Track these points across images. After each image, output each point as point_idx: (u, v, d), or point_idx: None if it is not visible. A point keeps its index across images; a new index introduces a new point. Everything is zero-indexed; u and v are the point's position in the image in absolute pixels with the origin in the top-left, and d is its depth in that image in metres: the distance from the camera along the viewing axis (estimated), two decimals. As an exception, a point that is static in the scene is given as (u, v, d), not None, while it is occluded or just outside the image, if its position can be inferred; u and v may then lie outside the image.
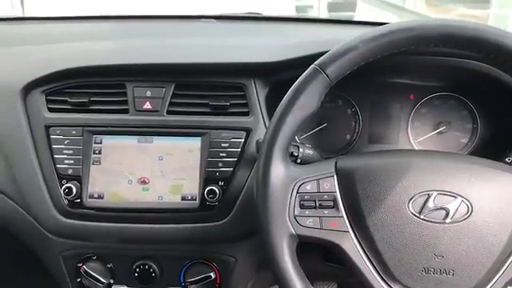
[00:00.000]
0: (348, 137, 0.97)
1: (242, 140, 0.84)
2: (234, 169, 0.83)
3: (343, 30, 1.26)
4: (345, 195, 0.64)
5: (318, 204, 0.64)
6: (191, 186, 0.84)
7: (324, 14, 3.01)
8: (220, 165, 0.83)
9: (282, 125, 0.64)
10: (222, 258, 0.87)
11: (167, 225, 0.84)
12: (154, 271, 0.86)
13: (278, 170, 0.64)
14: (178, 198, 0.84)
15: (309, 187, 0.64)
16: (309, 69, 0.65)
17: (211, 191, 0.82)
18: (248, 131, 0.84)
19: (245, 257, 0.87)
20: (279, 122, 0.64)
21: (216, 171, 0.83)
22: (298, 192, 0.64)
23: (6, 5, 1.75)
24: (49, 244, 0.87)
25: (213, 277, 0.87)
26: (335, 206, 0.64)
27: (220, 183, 0.83)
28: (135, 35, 1.11)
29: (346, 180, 0.65)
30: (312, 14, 3.14)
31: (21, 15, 1.70)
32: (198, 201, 0.83)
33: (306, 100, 0.64)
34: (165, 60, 0.88)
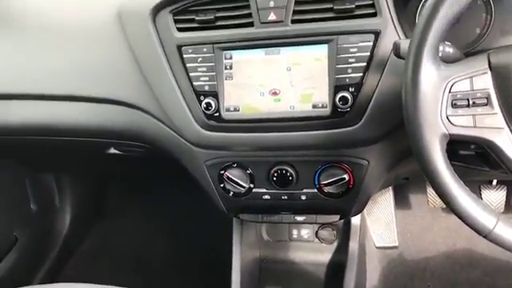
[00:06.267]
0: (478, 30, 0.91)
1: (371, 43, 0.82)
2: (364, 74, 0.83)
3: None
4: (500, 91, 0.62)
5: (471, 102, 0.63)
6: (321, 94, 0.86)
7: None
8: (349, 71, 0.83)
9: (434, 20, 0.61)
10: (354, 161, 0.90)
11: (300, 132, 0.88)
12: (290, 175, 0.93)
13: (429, 70, 0.63)
14: (309, 107, 0.87)
15: (461, 86, 0.63)
16: None
17: (343, 98, 0.83)
18: (376, 34, 0.82)
19: (377, 159, 0.90)
20: (430, 18, 0.61)
21: (346, 77, 0.84)
22: (450, 91, 0.63)
23: None
24: (193, 155, 0.97)
25: (346, 178, 0.91)
26: (489, 103, 0.63)
27: (350, 89, 0.84)
28: None
29: (502, 75, 0.62)
30: None
31: None
32: (329, 108, 0.86)
33: None
34: None
